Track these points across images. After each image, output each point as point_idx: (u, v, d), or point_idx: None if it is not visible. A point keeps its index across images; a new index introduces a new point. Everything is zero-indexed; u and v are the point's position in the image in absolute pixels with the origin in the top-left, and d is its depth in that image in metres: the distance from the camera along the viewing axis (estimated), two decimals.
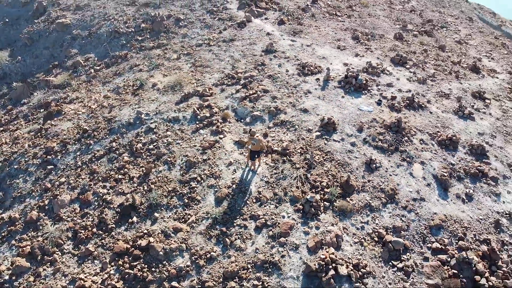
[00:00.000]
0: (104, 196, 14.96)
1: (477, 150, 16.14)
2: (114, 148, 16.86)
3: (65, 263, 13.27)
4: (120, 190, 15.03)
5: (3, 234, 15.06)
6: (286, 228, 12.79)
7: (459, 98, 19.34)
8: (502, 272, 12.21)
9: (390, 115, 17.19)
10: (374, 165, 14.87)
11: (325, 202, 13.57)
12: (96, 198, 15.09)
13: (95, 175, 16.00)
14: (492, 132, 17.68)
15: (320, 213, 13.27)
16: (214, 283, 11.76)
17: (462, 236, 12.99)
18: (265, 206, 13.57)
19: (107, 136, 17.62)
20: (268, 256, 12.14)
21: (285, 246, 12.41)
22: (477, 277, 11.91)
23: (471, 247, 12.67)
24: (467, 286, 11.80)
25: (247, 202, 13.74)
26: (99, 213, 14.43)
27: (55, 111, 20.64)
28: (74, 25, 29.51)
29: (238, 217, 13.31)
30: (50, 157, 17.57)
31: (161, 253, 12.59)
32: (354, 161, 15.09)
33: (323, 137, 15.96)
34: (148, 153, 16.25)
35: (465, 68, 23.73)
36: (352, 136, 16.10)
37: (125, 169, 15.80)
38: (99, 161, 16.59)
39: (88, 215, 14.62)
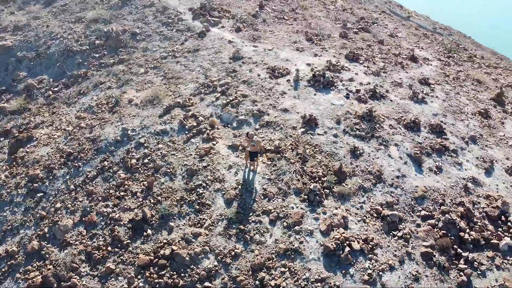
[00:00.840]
0: (110, 215, 15.06)
1: (436, 129, 18.72)
2: (106, 167, 16.87)
3: (86, 285, 13.31)
4: (125, 206, 15.23)
5: (3, 269, 14.56)
6: (298, 217, 14.07)
7: (411, 86, 22.04)
8: (478, 226, 14.63)
9: (360, 106, 19.22)
10: (358, 152, 16.70)
11: (325, 190, 15.07)
12: (101, 218, 15.14)
13: (93, 196, 15.96)
14: (443, 112, 20.50)
15: (323, 200, 14.75)
16: (245, 276, 12.68)
17: (442, 202, 15.24)
18: (273, 201, 14.71)
19: (95, 156, 17.53)
20: (288, 244, 13.32)
21: (300, 233, 13.68)
22: (462, 234, 14.18)
23: (451, 210, 14.95)
24: (455, 242, 14.00)
25: (256, 199, 14.78)
26: (109, 232, 14.55)
27: (25, 138, 19.87)
28: (17, 46, 28.08)
29: (251, 214, 14.30)
30: (37, 184, 17.07)
31: (187, 258, 13.18)
32: (340, 150, 16.80)
33: (308, 132, 17.48)
34: (144, 167, 16.55)
35: (405, 58, 26.79)
36: (333, 128, 17.82)
37: (125, 186, 15.97)
38: (94, 182, 16.53)
39: (98, 235, 14.66)
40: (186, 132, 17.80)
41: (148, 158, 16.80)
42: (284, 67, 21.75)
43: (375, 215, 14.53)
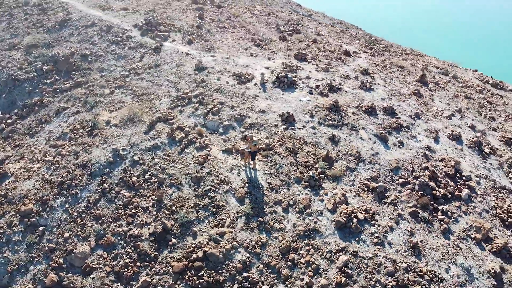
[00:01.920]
0: (128, 233, 15.44)
1: (388, 111, 21.97)
2: (107, 189, 17.03)
3: None
4: (142, 222, 15.72)
5: None
6: (307, 202, 15.97)
7: (357, 77, 25.24)
8: (443, 184, 17.91)
9: (324, 99, 21.73)
10: (336, 139, 19.11)
11: (320, 175, 17.18)
12: (119, 238, 15.45)
13: (103, 218, 16.11)
14: (388, 96, 23.95)
15: (322, 183, 16.84)
16: (277, 260, 14.22)
17: (412, 169, 18.30)
18: (280, 192, 16.41)
19: (91, 180, 17.51)
20: (305, 226, 15.16)
21: (312, 215, 15.60)
22: (434, 192, 17.32)
23: (421, 174, 18.05)
24: (431, 199, 17.05)
25: (265, 193, 16.34)
26: (133, 248, 14.98)
27: None
28: None
29: (265, 206, 15.84)
30: (34, 219, 16.58)
31: (220, 256, 14.30)
32: (321, 139, 19.05)
33: (289, 128, 19.45)
34: (147, 183, 17.07)
35: (341, 54, 30.17)
36: (309, 122, 20.03)
37: (134, 203, 16.38)
38: (98, 205, 16.62)
39: (121, 254, 15.00)
40: (177, 144, 18.61)
41: (149, 174, 17.33)
42: (248, 72, 23.46)
43: (365, 189, 17.02)
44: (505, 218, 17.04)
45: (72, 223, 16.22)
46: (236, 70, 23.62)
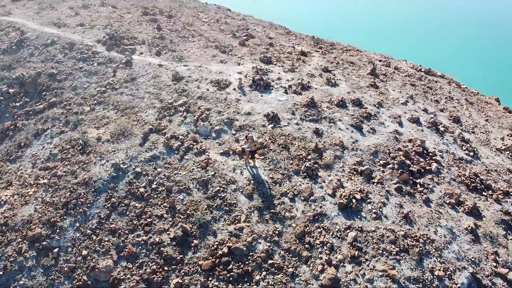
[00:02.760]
0: (148, 241, 16.05)
1: (356, 102, 24.44)
2: (116, 203, 17.38)
3: None
4: (160, 229, 16.38)
5: None
6: (309, 190, 17.68)
7: (321, 75, 27.52)
8: (415, 161, 20.61)
9: (300, 97, 23.63)
10: (320, 132, 21.07)
11: (315, 165, 18.99)
12: (140, 247, 15.99)
13: (119, 231, 16.50)
14: (351, 90, 26.49)
15: (318, 173, 18.66)
16: (295, 245, 15.76)
17: (388, 151, 20.80)
18: (283, 184, 17.95)
19: (97, 197, 17.70)
20: (312, 212, 16.86)
21: (316, 201, 17.35)
22: (411, 168, 19.92)
23: (396, 155, 20.60)
24: (409, 175, 19.60)
25: (270, 187, 17.78)
26: (157, 255, 15.65)
27: None
28: None
29: (273, 199, 17.28)
30: (45, 242, 16.47)
31: (244, 248, 15.51)
32: (306, 134, 20.89)
33: (276, 126, 21.05)
34: (156, 192, 17.69)
35: (298, 54, 32.38)
36: (292, 119, 21.78)
37: (147, 213, 16.95)
38: (110, 220, 16.94)
39: (146, 262, 15.59)
40: (175, 152, 19.37)
41: (155, 183, 17.94)
42: (224, 78, 24.66)
43: (354, 172, 19.14)
44: (468, 183, 20.12)
45: (87, 241, 16.40)
46: (213, 77, 24.71)
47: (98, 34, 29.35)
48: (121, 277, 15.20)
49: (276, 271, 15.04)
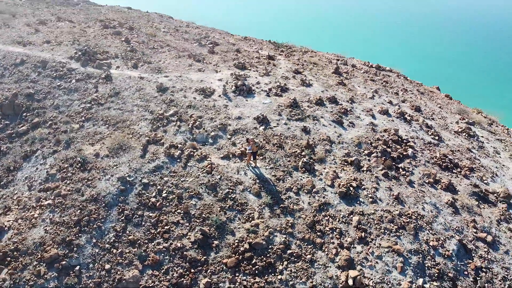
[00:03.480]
0: (170, 248, 16.72)
1: (332, 100, 26.47)
2: (130, 215, 17.79)
3: None
4: (179, 235, 17.11)
5: None
6: (311, 183, 19.26)
7: (294, 76, 29.29)
8: (394, 148, 22.96)
9: (282, 99, 25.19)
10: (307, 129, 22.76)
11: (310, 160, 20.62)
12: (163, 255, 16.63)
13: (138, 242, 16.99)
14: (324, 88, 28.53)
15: (314, 166, 20.30)
16: (308, 234, 17.25)
17: (370, 141, 22.97)
18: (286, 180, 19.37)
19: (109, 211, 17.98)
20: (318, 202, 18.45)
21: (319, 192, 18.97)
22: (392, 155, 22.20)
23: (377, 144, 22.80)
24: (392, 161, 21.86)
25: (275, 184, 19.12)
26: (181, 259, 16.39)
27: None
28: None
29: (279, 195, 18.64)
30: (65, 262, 16.54)
31: (264, 243, 16.72)
32: (296, 132, 22.48)
33: (267, 128, 22.43)
34: (167, 200, 18.34)
35: (266, 59, 33.97)
36: (280, 119, 23.27)
37: (163, 221, 17.57)
38: (127, 231, 17.35)
39: (171, 268, 16.28)
40: (178, 160, 20.08)
41: (164, 192, 18.56)
42: (207, 86, 25.59)
43: (345, 163, 21.03)
44: (440, 164, 22.83)
45: (108, 255, 16.71)
46: (196, 86, 25.54)
47: (68, 50, 28.92)
48: (150, 285, 15.77)
49: (295, 259, 16.42)
